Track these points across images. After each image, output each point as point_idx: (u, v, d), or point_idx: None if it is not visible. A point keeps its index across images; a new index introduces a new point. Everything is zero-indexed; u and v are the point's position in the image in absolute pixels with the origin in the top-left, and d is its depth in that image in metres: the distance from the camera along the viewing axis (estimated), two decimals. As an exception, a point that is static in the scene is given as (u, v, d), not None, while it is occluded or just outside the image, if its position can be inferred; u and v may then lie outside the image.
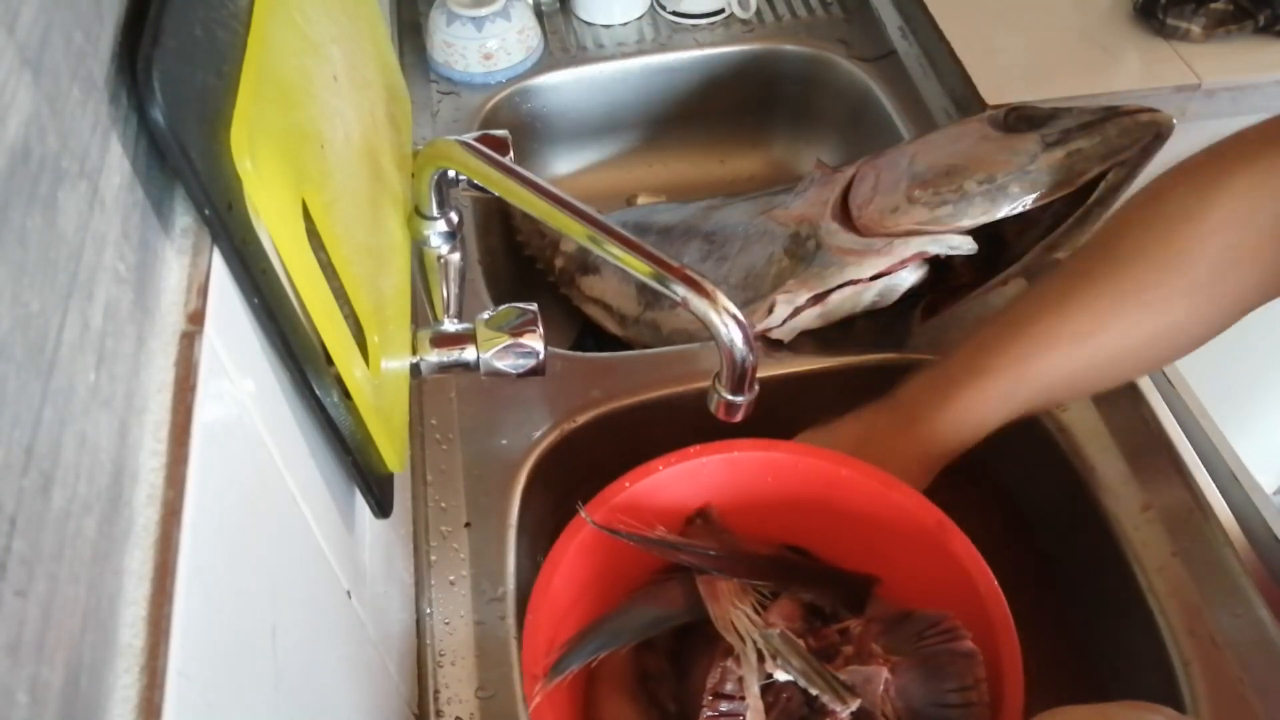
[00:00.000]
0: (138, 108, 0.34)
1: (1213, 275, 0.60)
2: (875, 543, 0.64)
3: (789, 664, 0.55)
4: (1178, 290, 0.61)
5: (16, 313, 0.25)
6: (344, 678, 0.48)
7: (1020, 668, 0.54)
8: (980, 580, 0.58)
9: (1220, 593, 0.67)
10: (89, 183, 0.30)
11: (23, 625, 0.23)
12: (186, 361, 0.34)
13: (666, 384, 0.79)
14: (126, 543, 0.29)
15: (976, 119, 0.79)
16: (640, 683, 0.65)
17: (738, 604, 0.60)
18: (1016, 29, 1.04)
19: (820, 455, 0.64)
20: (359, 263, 0.48)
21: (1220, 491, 0.71)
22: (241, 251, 0.37)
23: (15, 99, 0.27)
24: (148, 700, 0.27)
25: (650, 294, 0.90)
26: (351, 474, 0.49)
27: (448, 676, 0.64)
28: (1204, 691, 0.63)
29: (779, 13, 1.15)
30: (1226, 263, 0.60)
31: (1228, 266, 0.60)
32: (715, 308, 0.50)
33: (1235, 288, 0.61)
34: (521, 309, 0.62)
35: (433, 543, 0.70)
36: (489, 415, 0.77)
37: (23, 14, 0.28)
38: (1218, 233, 0.59)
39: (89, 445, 0.28)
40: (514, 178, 0.53)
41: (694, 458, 0.63)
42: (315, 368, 0.43)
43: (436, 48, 1.05)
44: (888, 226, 0.75)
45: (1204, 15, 0.99)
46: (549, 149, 1.13)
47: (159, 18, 0.35)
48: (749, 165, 1.18)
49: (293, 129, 0.42)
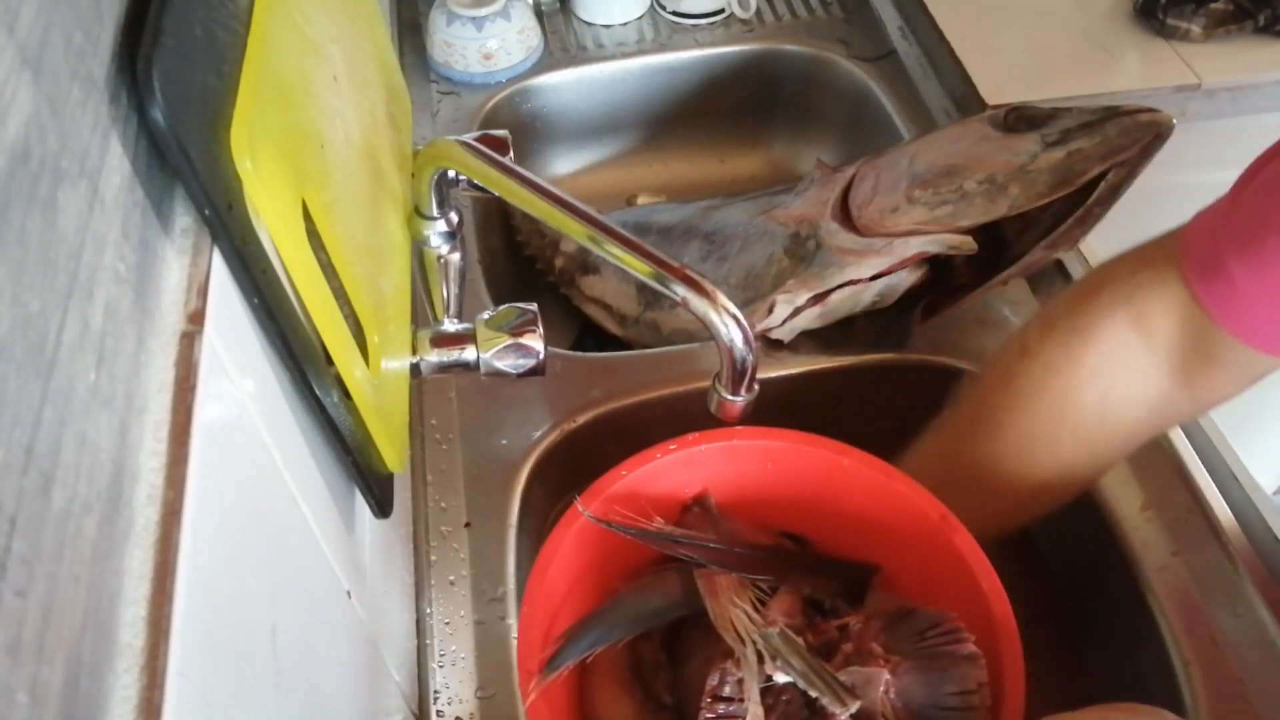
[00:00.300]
0: (138, 108, 0.34)
1: (1095, 422, 0.61)
2: (876, 534, 0.64)
3: (789, 665, 0.55)
4: (1062, 438, 0.62)
5: (16, 313, 0.25)
6: (344, 678, 0.48)
7: (1022, 669, 0.54)
8: (983, 577, 0.58)
9: (1220, 593, 0.67)
10: (89, 183, 0.30)
11: (23, 625, 0.23)
12: (186, 361, 0.34)
13: (666, 384, 0.79)
14: (126, 543, 0.29)
15: (976, 119, 0.79)
16: (635, 672, 0.65)
17: (736, 601, 0.60)
18: (1016, 29, 1.04)
19: (820, 444, 0.64)
20: (359, 263, 0.48)
21: (1220, 491, 0.71)
22: (241, 251, 0.37)
23: (15, 99, 0.27)
24: (148, 700, 0.27)
25: (650, 294, 0.90)
26: (351, 474, 0.49)
27: (448, 676, 0.64)
28: (1204, 691, 0.63)
29: (779, 13, 1.15)
30: (1106, 409, 0.60)
31: (1107, 412, 0.60)
32: (715, 308, 0.50)
33: (1122, 427, 0.61)
34: (521, 309, 0.62)
35: (433, 543, 0.70)
36: (489, 415, 0.77)
37: (23, 14, 0.28)
38: (1089, 383, 0.59)
39: (89, 445, 0.28)
40: (514, 178, 0.53)
41: (693, 445, 0.63)
42: (315, 368, 0.43)
43: (436, 48, 1.05)
44: (888, 226, 0.75)
45: (1204, 15, 0.99)
46: (549, 149, 1.13)
47: (159, 18, 0.35)
48: (749, 165, 1.19)
49: (293, 129, 0.42)
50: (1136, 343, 0.58)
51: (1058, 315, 0.62)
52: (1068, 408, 0.60)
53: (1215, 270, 0.53)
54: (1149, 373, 0.58)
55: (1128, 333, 0.58)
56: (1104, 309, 0.59)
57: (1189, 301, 0.55)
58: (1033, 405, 0.61)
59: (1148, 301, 0.57)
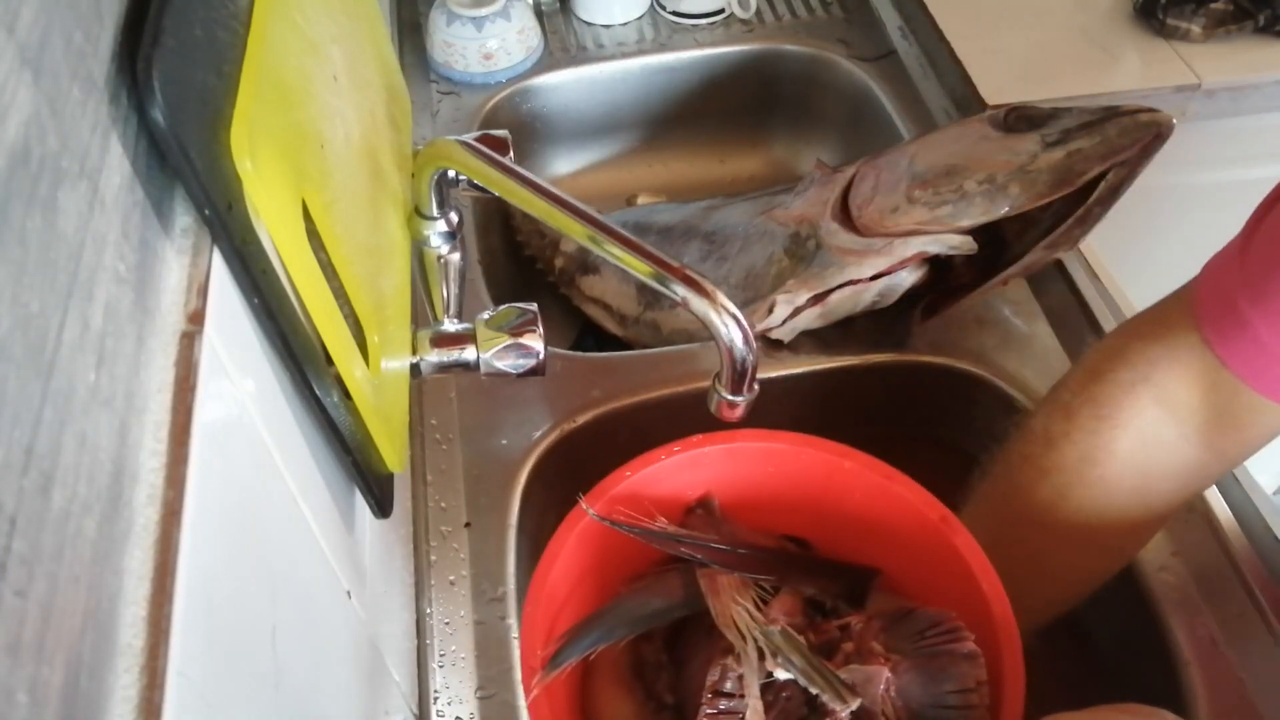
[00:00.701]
0: (138, 108, 0.34)
1: (1136, 503, 0.60)
2: (877, 535, 0.64)
3: (790, 662, 0.55)
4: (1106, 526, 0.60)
5: (16, 313, 0.25)
6: (344, 678, 0.48)
7: (1022, 670, 0.54)
8: (983, 578, 0.58)
9: (1220, 593, 0.67)
10: (89, 183, 0.30)
11: (23, 625, 0.23)
12: (186, 361, 0.34)
13: (666, 384, 0.79)
14: (126, 543, 0.29)
15: (976, 119, 0.79)
16: (637, 672, 0.65)
17: (738, 599, 0.60)
18: (1016, 29, 1.04)
19: (821, 446, 0.64)
20: (359, 263, 0.48)
21: (1220, 491, 0.71)
22: (241, 251, 0.37)
23: (15, 99, 0.27)
24: (148, 700, 0.27)
25: (650, 294, 0.90)
26: (351, 474, 0.49)
27: (448, 676, 0.64)
28: (1204, 691, 0.63)
29: (779, 13, 1.15)
30: (1146, 489, 0.59)
31: (1149, 489, 0.59)
32: (715, 308, 0.50)
33: (1160, 502, 0.60)
34: (521, 309, 0.62)
35: (433, 543, 0.70)
36: (489, 415, 0.77)
37: (23, 14, 0.28)
38: (1127, 469, 0.58)
39: (89, 445, 0.28)
40: (514, 178, 0.53)
41: (696, 447, 0.63)
42: (315, 368, 0.43)
43: (436, 48, 1.05)
44: (888, 226, 0.75)
45: (1204, 15, 0.99)
46: (549, 149, 1.13)
47: (159, 18, 0.35)
48: (749, 165, 1.19)
49: (293, 129, 0.42)
50: (1164, 419, 0.56)
51: (1076, 402, 0.60)
52: (1111, 497, 0.59)
53: (1238, 329, 0.51)
54: (1180, 445, 0.57)
55: (1154, 410, 0.56)
56: (1125, 389, 0.57)
57: (1211, 368, 0.53)
58: (1075, 499, 0.60)
59: (1167, 376, 0.55)
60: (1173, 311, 0.56)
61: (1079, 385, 0.60)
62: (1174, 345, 0.55)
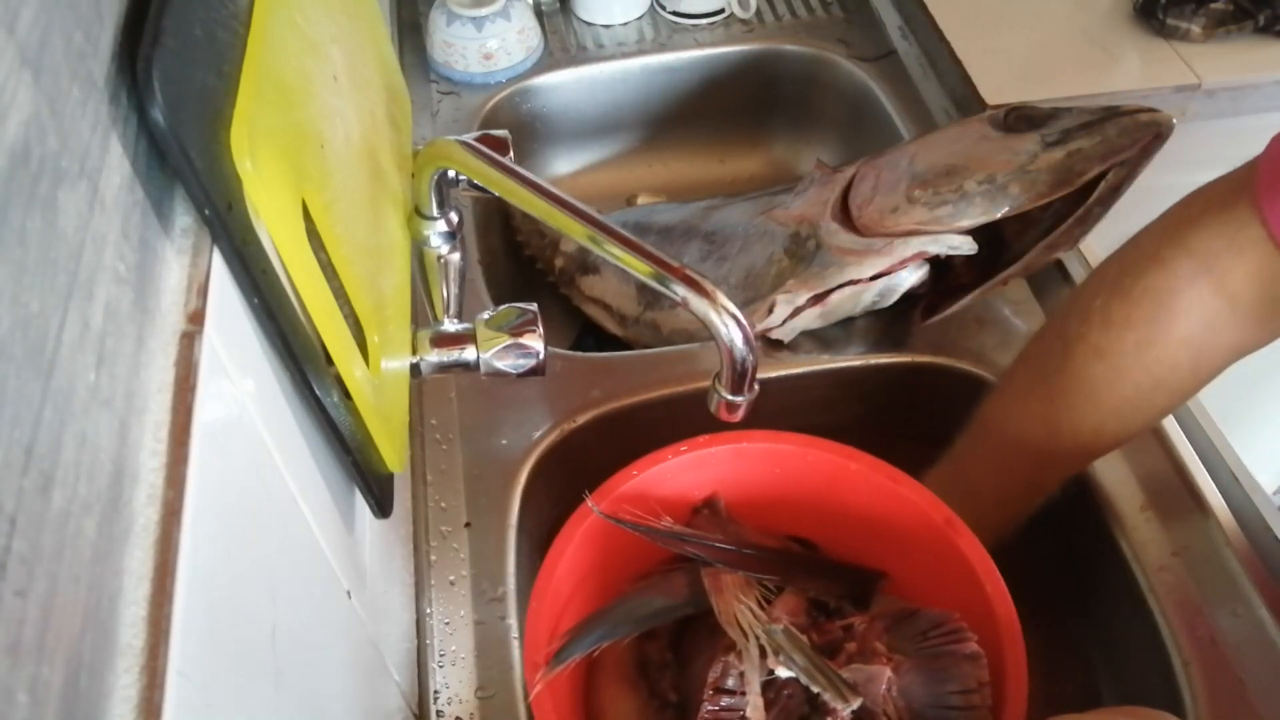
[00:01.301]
0: (138, 108, 0.34)
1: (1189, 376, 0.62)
2: (882, 537, 0.64)
3: (792, 660, 0.55)
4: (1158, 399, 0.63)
5: (16, 313, 0.25)
6: (344, 678, 0.48)
7: (1025, 672, 0.54)
8: (987, 580, 0.58)
9: (1220, 593, 0.67)
10: (89, 183, 0.30)
11: (23, 625, 0.23)
12: (186, 361, 0.34)
13: (666, 384, 0.79)
14: (126, 543, 0.29)
15: (976, 119, 0.79)
16: (641, 671, 0.65)
17: (742, 598, 0.60)
18: (1016, 29, 1.04)
19: (827, 447, 0.64)
20: (359, 263, 0.48)
21: (1220, 491, 0.71)
22: (241, 251, 0.37)
23: (15, 99, 0.27)
24: (148, 700, 0.27)
25: (650, 294, 0.90)
26: (351, 474, 0.49)
27: (448, 676, 0.64)
28: (1204, 691, 0.63)
29: (779, 13, 1.15)
30: (1199, 366, 0.61)
31: (1201, 367, 0.62)
32: (715, 308, 0.50)
33: (1211, 373, 0.62)
34: (521, 309, 0.62)
35: (433, 543, 0.70)
36: (489, 415, 0.77)
37: (23, 14, 0.28)
38: (1183, 351, 0.61)
39: (89, 445, 0.28)
40: (514, 178, 0.53)
41: (703, 447, 0.63)
42: (315, 368, 0.43)
43: (436, 48, 1.05)
44: (888, 226, 0.75)
45: (1204, 15, 0.99)
46: (549, 149, 1.13)
47: (159, 18, 0.35)
48: (749, 165, 1.18)
49: (293, 129, 0.42)
50: (1223, 307, 0.59)
51: (1137, 289, 0.61)
52: (1166, 374, 0.62)
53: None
54: (1236, 327, 0.59)
55: (1213, 299, 0.59)
56: (1187, 281, 0.59)
57: (1273, 261, 0.55)
58: (1132, 377, 0.62)
59: (1229, 267, 0.58)
60: (1233, 194, 0.58)
61: (1140, 270, 0.62)
62: (1237, 239, 0.57)
